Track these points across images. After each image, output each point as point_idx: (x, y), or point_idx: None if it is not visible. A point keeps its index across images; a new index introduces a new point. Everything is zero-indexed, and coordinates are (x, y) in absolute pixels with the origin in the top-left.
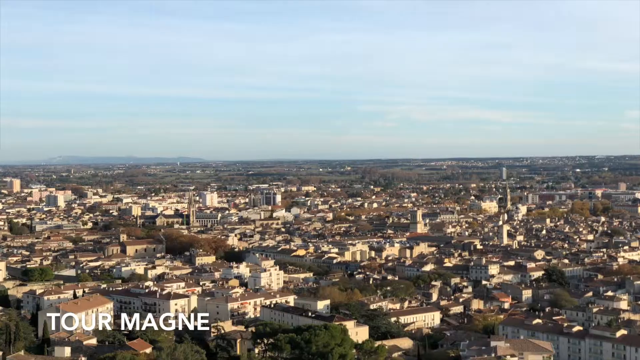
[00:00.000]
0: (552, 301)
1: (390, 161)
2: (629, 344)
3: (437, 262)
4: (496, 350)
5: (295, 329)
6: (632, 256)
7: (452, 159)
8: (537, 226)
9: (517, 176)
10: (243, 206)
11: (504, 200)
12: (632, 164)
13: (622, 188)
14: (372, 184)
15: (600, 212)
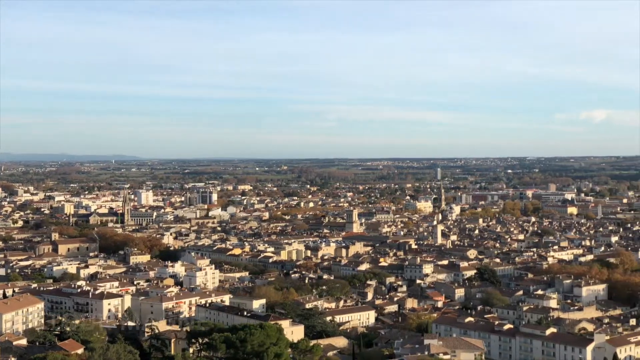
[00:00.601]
0: (484, 300)
1: (326, 161)
2: (558, 342)
3: (373, 262)
4: (429, 348)
5: (230, 328)
6: (561, 256)
7: (388, 159)
8: (470, 226)
9: (451, 176)
10: (179, 205)
11: (439, 200)
12: (562, 166)
13: (552, 189)
14: (309, 184)
15: (530, 213)
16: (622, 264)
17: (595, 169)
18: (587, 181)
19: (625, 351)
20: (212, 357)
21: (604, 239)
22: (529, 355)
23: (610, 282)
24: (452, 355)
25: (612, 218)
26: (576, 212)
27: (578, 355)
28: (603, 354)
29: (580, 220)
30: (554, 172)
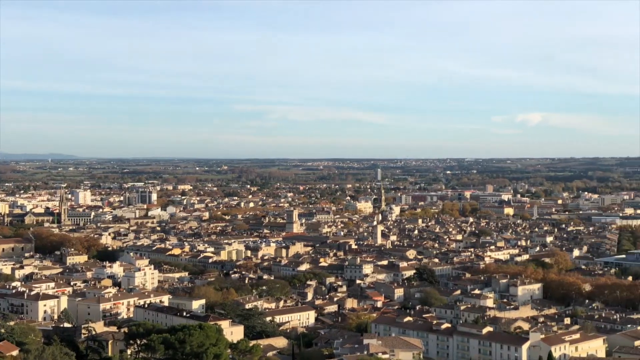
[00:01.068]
0: (423, 299)
1: (267, 161)
2: (495, 340)
3: (313, 262)
4: (368, 347)
5: (169, 329)
6: (498, 255)
7: (329, 160)
8: (409, 226)
9: (391, 177)
10: (117, 205)
11: (379, 200)
12: (499, 167)
13: (489, 190)
14: (249, 184)
15: (468, 213)
16: (556, 263)
17: (531, 170)
18: (523, 182)
19: (560, 350)
20: (151, 359)
21: (539, 239)
22: (466, 354)
23: (545, 282)
24: (390, 355)
25: (547, 219)
26: (512, 212)
27: (514, 353)
28: (538, 353)
29: (516, 220)
30: (492, 173)
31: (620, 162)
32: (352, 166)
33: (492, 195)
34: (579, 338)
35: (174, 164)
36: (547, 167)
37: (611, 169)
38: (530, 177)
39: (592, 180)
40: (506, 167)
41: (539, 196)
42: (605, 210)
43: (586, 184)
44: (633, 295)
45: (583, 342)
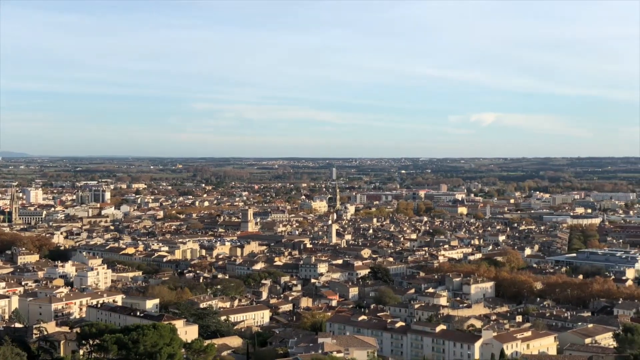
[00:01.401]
0: (377, 298)
1: (222, 160)
2: (448, 338)
3: (268, 261)
4: (323, 346)
5: (122, 329)
6: (451, 254)
7: (284, 159)
8: (364, 225)
9: (346, 176)
10: (70, 203)
11: (334, 199)
12: (453, 167)
13: (443, 189)
14: (204, 183)
15: (423, 212)
16: (508, 262)
17: (484, 170)
18: (476, 182)
19: (512, 347)
20: (104, 359)
21: (492, 238)
22: (419, 352)
23: (497, 280)
24: (345, 354)
25: (500, 218)
26: (466, 212)
27: (466, 351)
28: (490, 350)
29: (469, 219)
30: (446, 172)
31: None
32: (307, 165)
33: (446, 195)
34: (530, 336)
35: (128, 162)
36: (500, 166)
37: (562, 169)
38: (484, 176)
39: (543, 180)
40: (460, 166)
41: (491, 196)
42: (556, 210)
43: (538, 183)
44: (583, 293)
45: (534, 340)
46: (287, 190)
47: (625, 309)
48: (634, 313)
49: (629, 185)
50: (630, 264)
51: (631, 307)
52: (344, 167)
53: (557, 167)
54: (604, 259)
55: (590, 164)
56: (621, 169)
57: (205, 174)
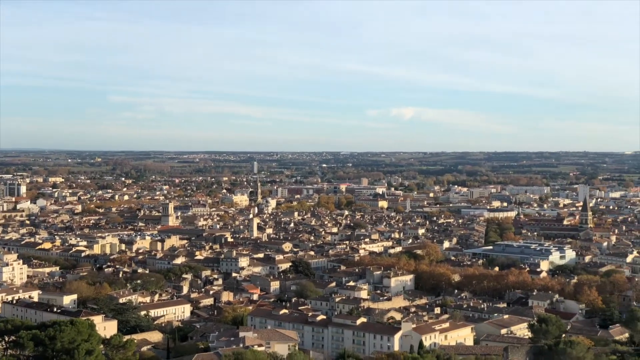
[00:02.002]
0: (299, 292)
1: (142, 153)
2: (368, 331)
3: (189, 255)
4: (244, 340)
5: (39, 326)
6: (372, 248)
7: (205, 152)
8: (285, 219)
9: (267, 170)
10: None
11: (255, 193)
12: (374, 161)
13: (364, 183)
14: (124, 176)
15: (344, 206)
16: (428, 255)
17: (404, 164)
18: (397, 176)
19: (430, 339)
20: (20, 356)
21: (411, 231)
22: (340, 345)
23: (417, 273)
24: (266, 347)
25: (420, 211)
26: (386, 205)
27: (386, 343)
28: (410, 342)
29: (390, 213)
30: (367, 166)
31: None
32: (229, 159)
33: (367, 189)
34: (448, 327)
35: (44, 155)
36: (420, 160)
37: (479, 163)
38: (404, 170)
39: (461, 174)
40: (381, 160)
41: (411, 189)
42: (473, 203)
43: (456, 177)
44: (499, 285)
45: (452, 331)
46: (208, 184)
47: (540, 300)
48: (548, 304)
49: (543, 179)
50: (545, 256)
51: (545, 298)
52: (266, 161)
53: (474, 161)
54: (519, 251)
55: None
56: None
57: (125, 168)
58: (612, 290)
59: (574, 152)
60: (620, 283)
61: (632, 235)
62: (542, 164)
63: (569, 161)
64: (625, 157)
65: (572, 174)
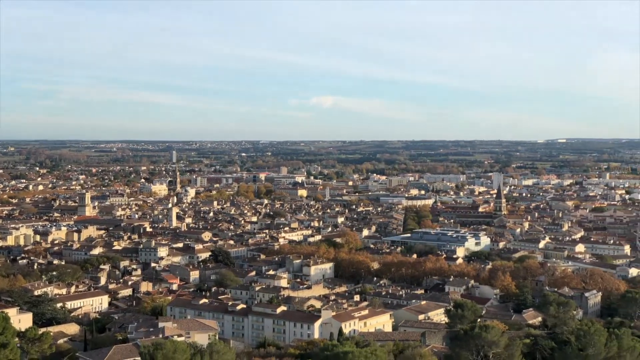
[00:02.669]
0: (218, 281)
1: (57, 142)
2: (288, 319)
3: (106, 246)
4: (164, 331)
5: None
6: (292, 236)
7: (123, 142)
8: (205, 208)
9: (186, 159)
10: None
11: (174, 183)
12: (293, 149)
13: (283, 172)
14: (38, 166)
15: (263, 195)
16: (347, 243)
17: (323, 152)
18: (316, 164)
19: (350, 326)
20: None
21: (331, 220)
22: (260, 333)
23: (336, 261)
24: (186, 337)
25: (339, 200)
26: (306, 194)
27: (306, 331)
28: (329, 329)
29: (309, 202)
30: (286, 155)
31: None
32: (147, 148)
33: (286, 177)
34: (367, 314)
35: None
36: (339, 149)
37: (398, 152)
38: (323, 159)
39: (380, 163)
40: (300, 149)
41: (331, 178)
42: (392, 191)
43: (375, 166)
44: (417, 272)
45: (371, 318)
46: (126, 174)
47: (456, 285)
48: (464, 290)
49: (459, 167)
50: (461, 242)
51: (461, 284)
52: (185, 150)
53: (393, 150)
54: (436, 239)
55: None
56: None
57: (39, 157)
58: (525, 275)
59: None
60: (533, 268)
61: (544, 221)
62: (458, 153)
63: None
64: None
65: (487, 162)
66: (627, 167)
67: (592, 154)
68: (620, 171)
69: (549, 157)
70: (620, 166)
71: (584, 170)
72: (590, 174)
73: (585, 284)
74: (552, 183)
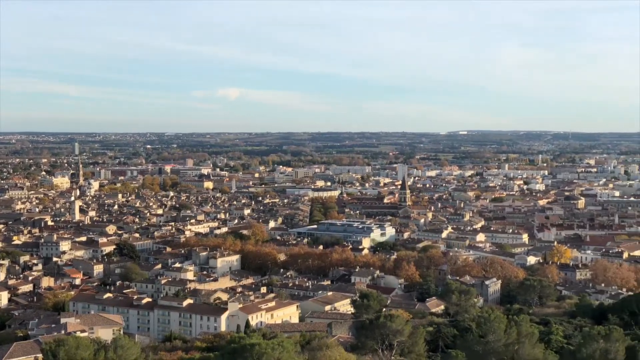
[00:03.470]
0: (124, 275)
1: None
2: (195, 312)
3: (5, 240)
4: (66, 327)
5: None
6: (198, 229)
7: (22, 133)
8: (109, 201)
9: (89, 152)
10: None
11: (77, 175)
12: (199, 141)
13: (189, 164)
14: None
15: (169, 187)
16: (253, 235)
17: (229, 144)
18: (222, 156)
19: (257, 317)
20: None
21: (237, 212)
22: (166, 327)
23: (243, 253)
24: (90, 332)
25: (245, 192)
26: (212, 186)
27: (213, 324)
28: (236, 322)
29: (215, 194)
30: (192, 147)
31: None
32: (48, 140)
33: (192, 170)
34: (274, 306)
35: None
36: (245, 141)
37: (304, 144)
38: (229, 151)
39: (286, 154)
40: (206, 141)
41: (237, 170)
42: (298, 183)
43: (281, 157)
44: (323, 263)
45: (278, 310)
46: (26, 166)
47: (362, 276)
48: (369, 280)
49: (365, 159)
50: (366, 233)
51: (367, 275)
52: (87, 142)
53: (299, 141)
54: (343, 230)
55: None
56: (358, 144)
57: None
58: (428, 265)
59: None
60: (436, 258)
61: (446, 212)
62: (363, 144)
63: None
64: (440, 137)
65: (392, 154)
66: (525, 158)
67: (492, 146)
68: (519, 162)
69: (451, 149)
70: (518, 157)
71: (484, 161)
72: (490, 165)
73: (486, 272)
74: (454, 174)
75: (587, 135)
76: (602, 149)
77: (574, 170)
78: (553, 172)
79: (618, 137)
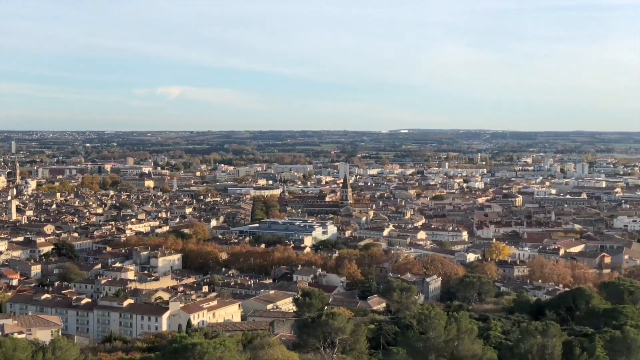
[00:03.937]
0: (62, 275)
1: None
2: (135, 312)
3: None
4: (3, 328)
5: None
6: (139, 228)
7: None
8: (47, 200)
9: (27, 150)
10: None
11: (13, 174)
12: (140, 140)
13: (130, 163)
14: None
15: (109, 186)
16: (195, 234)
17: (171, 143)
18: (163, 155)
19: (199, 317)
20: None
21: (179, 210)
22: (106, 328)
23: (184, 252)
24: (27, 334)
25: (187, 190)
26: (153, 185)
27: (154, 323)
28: (178, 321)
29: (157, 193)
30: (132, 146)
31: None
32: None
33: (132, 168)
34: (216, 305)
35: None
36: (186, 140)
37: (245, 142)
38: (170, 149)
39: (228, 153)
40: (147, 140)
41: (178, 169)
42: (240, 182)
43: (223, 156)
44: (265, 261)
45: (220, 309)
46: None
47: (304, 274)
48: (311, 278)
49: (307, 157)
50: (308, 232)
51: (309, 273)
52: (24, 141)
53: (240, 140)
54: (284, 228)
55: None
56: (299, 142)
57: None
58: (370, 262)
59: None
60: (378, 256)
61: (388, 210)
62: (305, 143)
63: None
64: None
65: (334, 152)
66: (465, 156)
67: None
68: (458, 161)
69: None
70: (458, 156)
71: (425, 160)
72: (431, 163)
73: (427, 270)
74: (396, 172)
75: (524, 134)
76: (539, 147)
77: (512, 169)
78: (492, 170)
79: (554, 135)
